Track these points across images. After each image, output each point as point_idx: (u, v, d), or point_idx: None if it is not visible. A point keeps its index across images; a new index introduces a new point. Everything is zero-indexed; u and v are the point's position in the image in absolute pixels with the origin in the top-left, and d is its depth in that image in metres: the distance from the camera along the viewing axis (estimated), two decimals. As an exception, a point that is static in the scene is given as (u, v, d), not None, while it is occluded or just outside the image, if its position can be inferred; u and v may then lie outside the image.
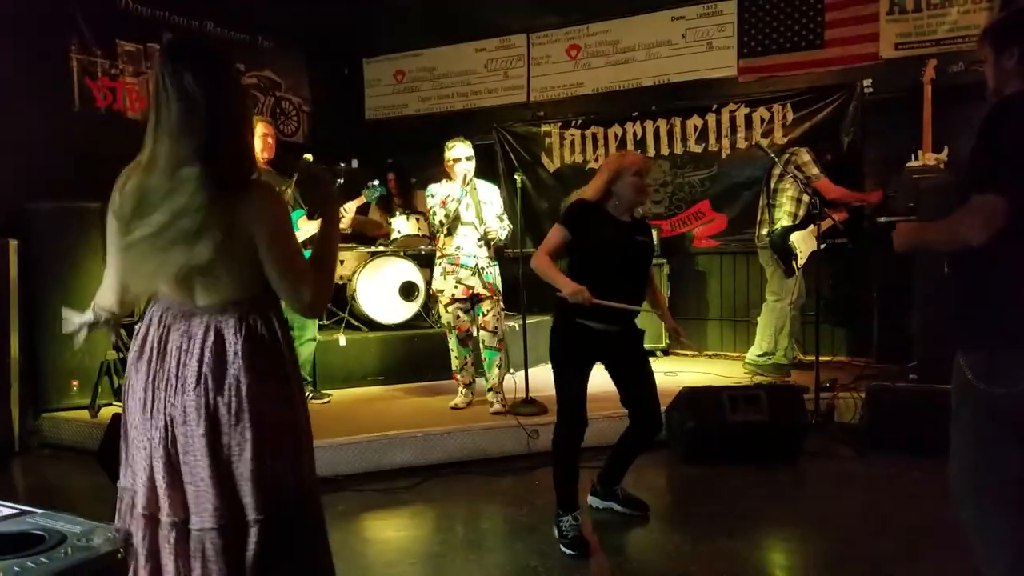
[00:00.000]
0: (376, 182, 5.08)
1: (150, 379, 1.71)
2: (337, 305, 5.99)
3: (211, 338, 1.67)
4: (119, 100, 5.87)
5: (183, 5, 6.31)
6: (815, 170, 5.35)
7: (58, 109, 5.44)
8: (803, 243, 5.37)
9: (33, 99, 5.17)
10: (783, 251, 5.38)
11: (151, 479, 1.70)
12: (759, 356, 5.60)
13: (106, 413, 4.64)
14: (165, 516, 1.68)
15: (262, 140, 4.82)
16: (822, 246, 5.06)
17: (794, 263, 5.36)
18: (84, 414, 4.80)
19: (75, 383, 4.92)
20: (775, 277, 5.52)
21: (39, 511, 1.35)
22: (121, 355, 5.05)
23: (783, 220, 5.41)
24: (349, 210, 5.03)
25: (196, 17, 6.46)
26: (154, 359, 1.71)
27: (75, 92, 5.59)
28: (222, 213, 1.60)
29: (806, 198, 5.32)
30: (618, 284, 3.12)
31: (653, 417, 3.30)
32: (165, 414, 1.68)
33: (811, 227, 5.27)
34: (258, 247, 1.65)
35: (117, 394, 4.98)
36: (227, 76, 1.69)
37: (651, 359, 5.88)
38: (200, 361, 1.67)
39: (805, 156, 5.39)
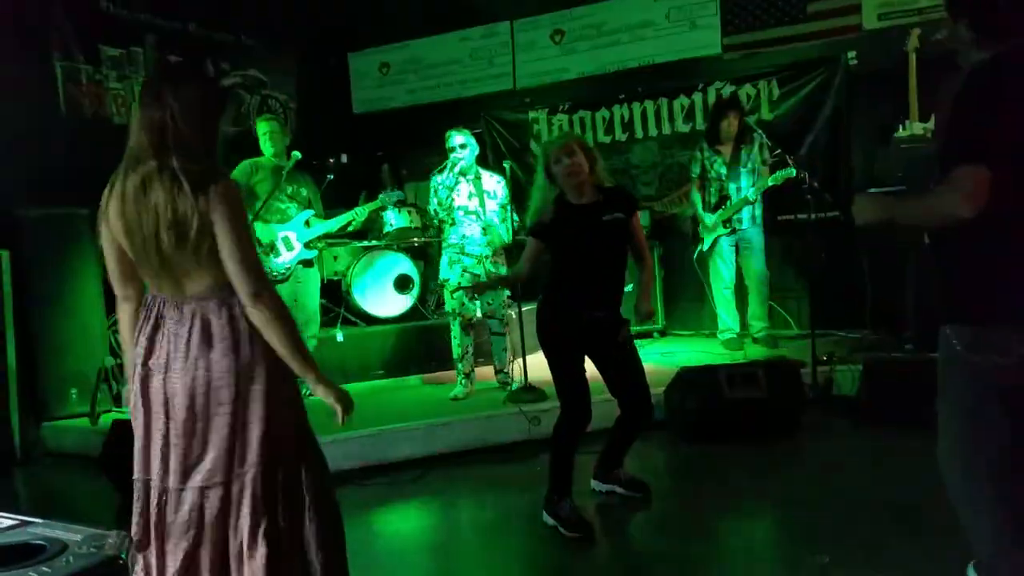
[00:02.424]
0: (392, 188, 5.18)
1: (151, 364, 1.92)
2: (333, 300, 5.99)
3: (198, 324, 1.90)
4: (104, 106, 5.84)
5: (165, 7, 6.25)
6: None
7: (43, 116, 5.40)
8: (707, 228, 5.62)
9: (18, 106, 5.13)
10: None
11: (156, 452, 1.92)
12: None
13: (106, 420, 4.64)
14: (172, 484, 1.91)
15: (268, 137, 4.83)
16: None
17: (700, 247, 5.67)
18: (85, 422, 4.80)
19: (74, 391, 4.93)
20: None
21: (39, 521, 1.37)
22: (118, 361, 5.06)
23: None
24: (361, 215, 5.08)
25: (178, 20, 6.41)
26: (153, 345, 1.93)
27: (60, 98, 5.56)
28: (196, 209, 1.82)
29: (713, 184, 5.56)
30: (593, 274, 3.14)
31: (644, 403, 3.29)
32: (164, 394, 1.90)
33: (720, 211, 5.53)
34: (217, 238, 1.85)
35: (116, 400, 4.99)
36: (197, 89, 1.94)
37: (647, 340, 5.92)
38: (188, 345, 1.89)
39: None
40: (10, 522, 1.36)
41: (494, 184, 4.77)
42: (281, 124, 5.01)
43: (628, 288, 3.69)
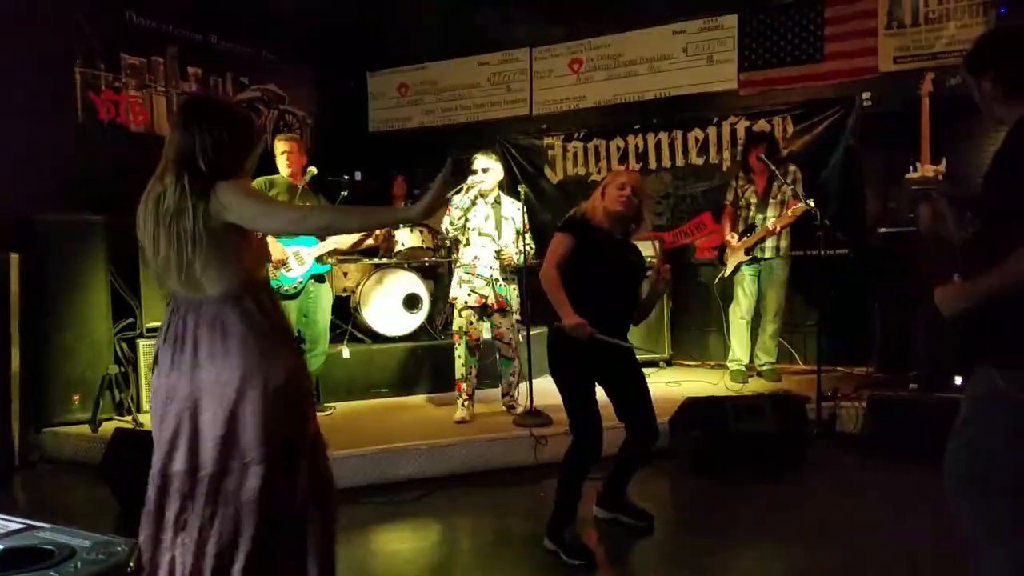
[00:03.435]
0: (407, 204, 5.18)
1: (174, 361, 2.06)
2: (341, 317, 5.99)
3: (218, 323, 2.05)
4: (122, 113, 5.88)
5: (188, 19, 6.33)
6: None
7: (61, 122, 5.43)
8: (731, 255, 5.66)
9: (36, 112, 5.17)
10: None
11: (176, 443, 2.05)
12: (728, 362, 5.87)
13: (107, 427, 4.62)
14: (182, 466, 2.04)
15: (285, 157, 4.86)
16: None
17: (723, 273, 5.75)
18: (85, 428, 4.78)
19: (76, 397, 4.89)
20: None
21: (47, 526, 1.35)
22: (122, 369, 5.05)
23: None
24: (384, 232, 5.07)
25: (201, 31, 6.48)
26: (176, 344, 2.07)
27: (78, 105, 5.60)
28: (195, 220, 1.98)
29: (743, 212, 5.63)
30: (609, 299, 3.15)
31: (650, 427, 3.29)
32: (190, 389, 2.03)
33: (744, 239, 5.57)
34: (240, 225, 2.03)
35: (119, 408, 4.97)
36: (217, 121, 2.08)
37: (653, 369, 5.92)
38: (211, 342, 2.04)
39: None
40: (17, 526, 1.35)
41: (514, 210, 4.80)
42: (299, 144, 5.01)
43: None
